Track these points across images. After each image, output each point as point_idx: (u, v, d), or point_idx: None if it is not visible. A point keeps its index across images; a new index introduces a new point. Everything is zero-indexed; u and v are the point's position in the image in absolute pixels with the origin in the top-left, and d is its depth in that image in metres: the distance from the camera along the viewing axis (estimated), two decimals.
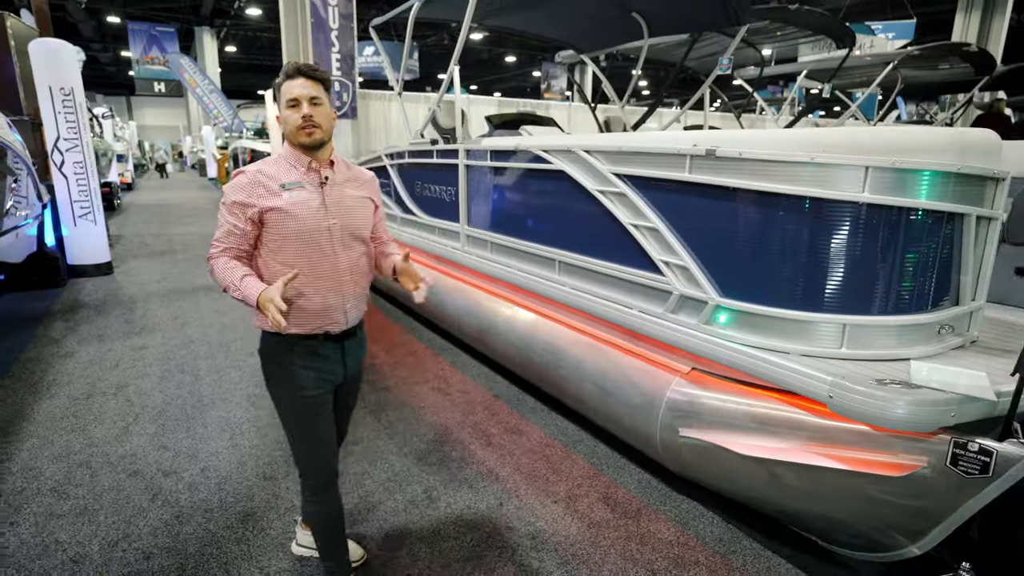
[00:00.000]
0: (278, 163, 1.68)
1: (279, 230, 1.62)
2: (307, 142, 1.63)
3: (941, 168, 1.83)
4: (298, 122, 1.60)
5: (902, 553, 1.91)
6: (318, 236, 1.65)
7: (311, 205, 1.64)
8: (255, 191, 1.61)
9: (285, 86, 1.62)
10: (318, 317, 1.69)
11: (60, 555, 2.13)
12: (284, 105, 1.63)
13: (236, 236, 1.64)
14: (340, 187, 1.72)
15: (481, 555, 2.16)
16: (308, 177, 1.67)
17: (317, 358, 1.73)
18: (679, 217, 2.33)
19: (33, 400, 3.35)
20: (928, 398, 1.68)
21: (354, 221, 1.73)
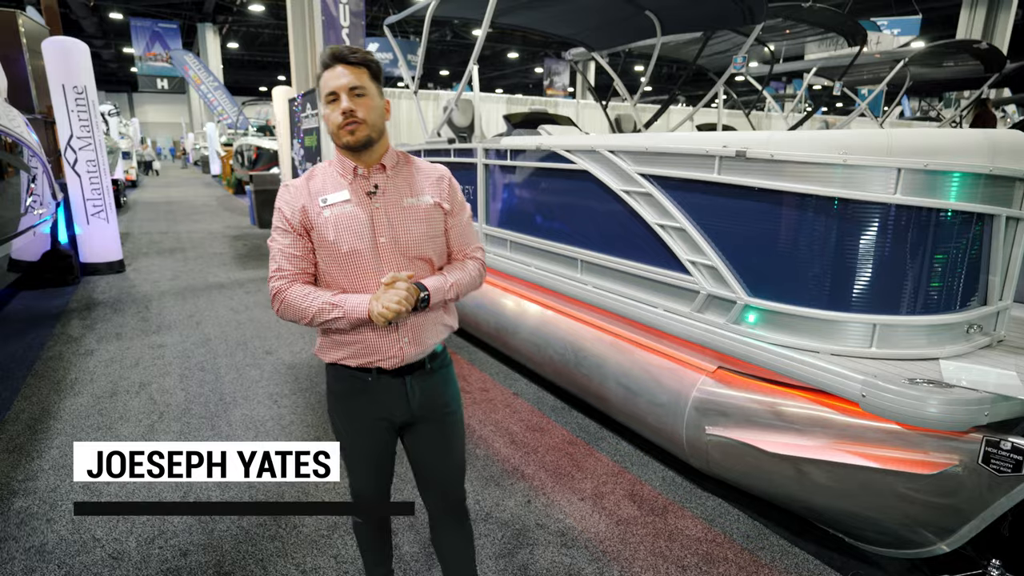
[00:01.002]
0: (327, 170, 1.47)
1: (321, 251, 1.43)
2: (351, 141, 1.37)
3: (972, 170, 1.85)
4: (338, 119, 1.35)
5: (931, 550, 1.94)
6: (363, 258, 1.41)
7: (356, 222, 1.40)
8: (298, 202, 1.42)
9: (323, 78, 1.37)
10: (367, 350, 1.46)
11: (99, 551, 2.16)
12: (323, 101, 1.38)
13: (296, 258, 1.42)
14: (395, 195, 1.45)
15: (513, 552, 2.19)
16: (355, 186, 1.43)
17: (369, 394, 1.51)
18: (707, 217, 2.35)
19: (58, 398, 3.38)
20: (962, 397, 1.70)
21: (411, 237, 1.44)
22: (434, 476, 1.65)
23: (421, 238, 1.46)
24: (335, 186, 1.43)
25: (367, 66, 1.38)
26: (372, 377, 1.49)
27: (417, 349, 1.49)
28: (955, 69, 7.28)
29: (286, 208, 1.43)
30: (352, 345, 1.46)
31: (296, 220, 1.41)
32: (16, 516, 2.34)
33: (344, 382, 1.52)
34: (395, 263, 1.43)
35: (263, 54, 28.04)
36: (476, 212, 3.96)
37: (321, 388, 3.60)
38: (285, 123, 9.81)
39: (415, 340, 1.48)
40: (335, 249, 1.40)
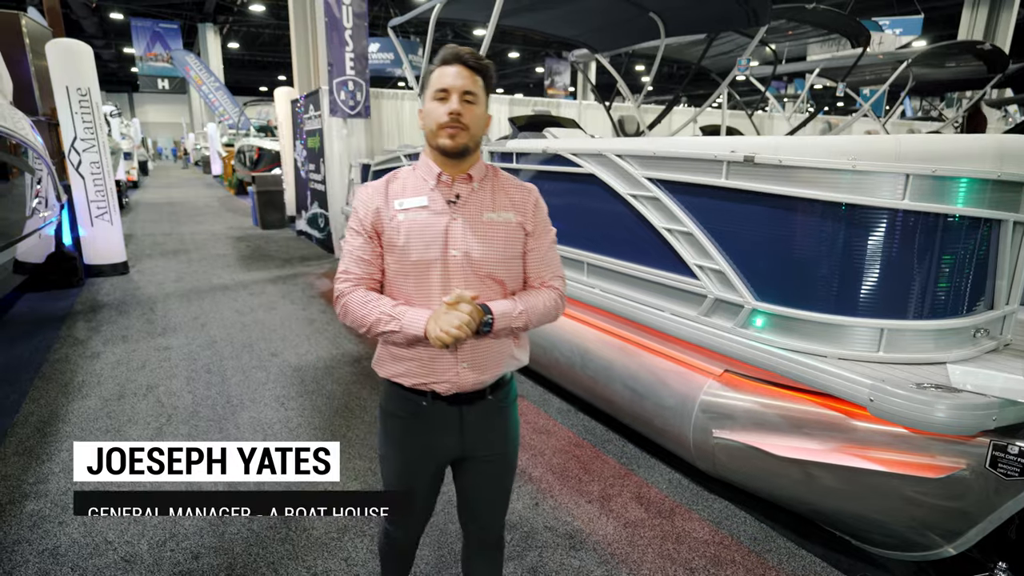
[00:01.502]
0: (410, 174, 1.40)
1: (389, 257, 1.35)
2: (448, 146, 1.29)
3: (980, 175, 1.87)
4: (442, 118, 1.28)
5: (938, 553, 1.95)
6: (432, 269, 1.33)
7: (430, 230, 1.32)
8: (373, 204, 1.36)
9: (437, 73, 1.31)
10: (423, 369, 1.36)
11: (112, 554, 2.17)
12: (431, 95, 1.31)
13: (365, 263, 1.36)
14: (476, 208, 1.36)
15: (522, 555, 2.21)
16: (435, 192, 1.35)
17: (421, 420, 1.41)
18: (714, 222, 2.36)
19: (66, 401, 3.40)
20: (970, 402, 1.71)
21: (485, 253, 1.35)
22: (479, 512, 1.58)
23: (496, 257, 1.36)
24: (415, 190, 1.37)
25: (483, 74, 1.33)
26: (427, 401, 1.39)
27: (476, 377, 1.38)
28: (958, 70, 7.29)
29: (361, 208, 1.37)
30: (408, 361, 1.37)
31: (368, 222, 1.35)
32: (28, 519, 2.36)
33: (397, 402, 1.43)
34: (464, 279, 1.33)
35: (264, 54, 28.05)
36: None
37: (328, 390, 3.61)
38: (287, 124, 9.83)
39: (475, 366, 1.37)
40: (404, 256, 1.33)
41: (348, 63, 6.66)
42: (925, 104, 13.20)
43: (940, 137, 2.03)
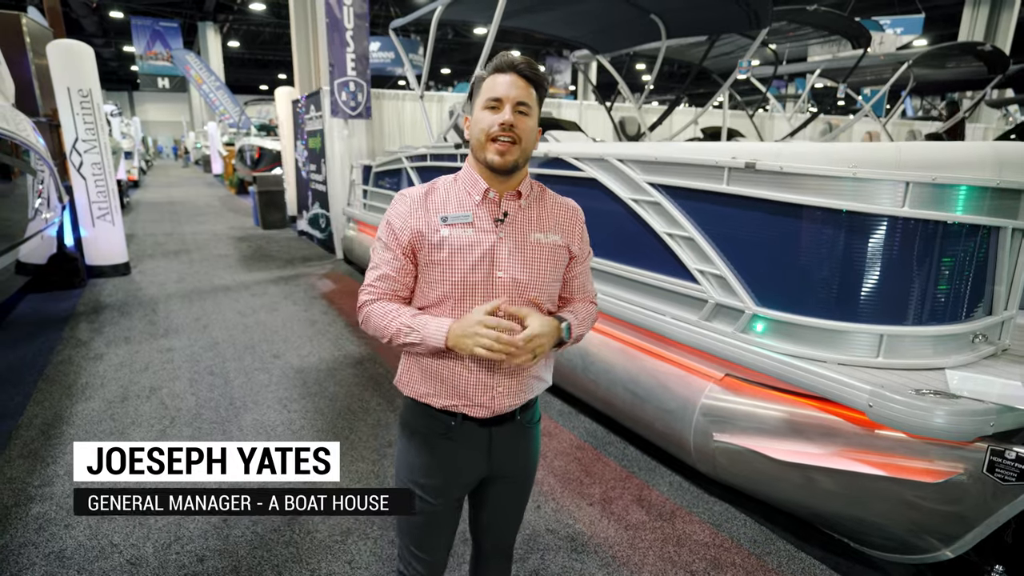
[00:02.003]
0: (452, 186, 1.31)
1: (429, 274, 1.27)
2: (497, 163, 1.21)
3: (979, 183, 1.88)
4: (491, 129, 1.20)
5: (935, 556, 1.97)
6: (476, 290, 1.25)
7: (476, 250, 1.24)
8: (413, 217, 1.26)
9: (489, 81, 1.23)
10: (456, 391, 1.30)
11: (117, 557, 2.19)
12: (481, 103, 1.23)
13: (391, 279, 1.29)
14: (523, 227, 1.29)
15: (525, 558, 2.23)
16: (481, 210, 1.27)
17: (448, 442, 1.35)
18: (716, 227, 2.38)
19: (70, 403, 3.42)
20: (968, 408, 1.73)
21: (532, 278, 1.28)
22: (496, 528, 1.53)
23: (542, 280, 1.30)
24: (459, 204, 1.27)
25: (538, 86, 1.25)
26: (456, 422, 1.33)
27: (510, 401, 1.33)
28: (958, 70, 7.31)
29: (396, 221, 1.28)
30: (438, 383, 1.31)
31: (405, 238, 1.26)
32: (34, 521, 2.38)
33: (423, 420, 1.36)
34: (509, 302, 1.27)
35: (264, 52, 28.03)
36: None
37: (330, 391, 3.63)
38: (288, 124, 9.84)
39: (510, 391, 1.32)
40: (445, 274, 1.25)
41: (349, 64, 6.67)
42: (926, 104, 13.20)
43: (940, 145, 2.04)
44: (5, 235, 4.20)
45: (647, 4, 4.35)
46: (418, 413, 1.36)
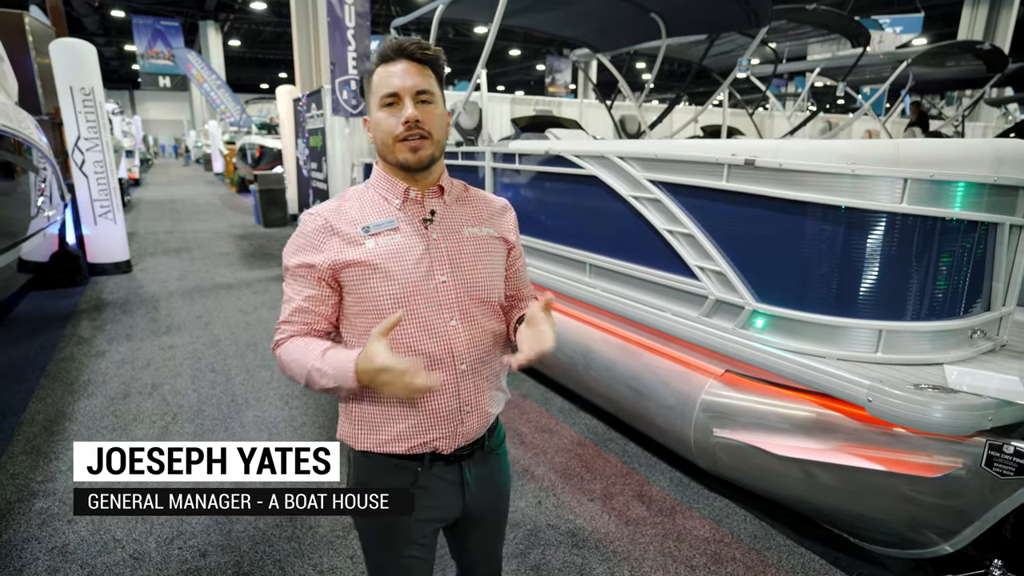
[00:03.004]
0: (365, 193, 1.16)
1: (360, 294, 1.10)
2: (412, 160, 1.09)
3: (977, 179, 1.89)
4: (396, 130, 1.06)
5: (934, 550, 1.98)
6: (420, 301, 1.10)
7: (410, 255, 1.10)
8: (325, 242, 1.09)
9: (379, 74, 1.08)
10: (419, 427, 1.13)
11: (120, 552, 2.21)
12: (377, 102, 1.08)
13: (308, 312, 1.12)
14: (454, 223, 1.17)
15: (526, 553, 2.24)
16: (405, 212, 1.14)
17: (418, 490, 1.18)
18: (715, 224, 2.39)
19: (72, 400, 3.43)
20: (966, 403, 1.74)
21: (475, 276, 1.16)
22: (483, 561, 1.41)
23: (489, 274, 1.19)
24: (378, 212, 1.13)
25: (434, 66, 1.10)
26: (423, 466, 1.16)
27: (480, 421, 1.19)
28: (957, 69, 7.31)
29: (306, 246, 1.11)
30: (397, 422, 1.13)
31: (319, 260, 1.09)
32: (37, 516, 2.39)
33: (388, 474, 1.18)
34: (459, 308, 1.13)
35: (265, 51, 28.04)
36: None
37: None
38: (289, 122, 9.85)
39: (478, 408, 1.17)
40: (379, 291, 1.08)
41: (351, 62, 6.67)
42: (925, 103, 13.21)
43: (938, 142, 2.06)
44: (8, 233, 4.21)
45: (647, 3, 4.36)
46: (375, 469, 1.18)
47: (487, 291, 1.18)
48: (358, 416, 1.17)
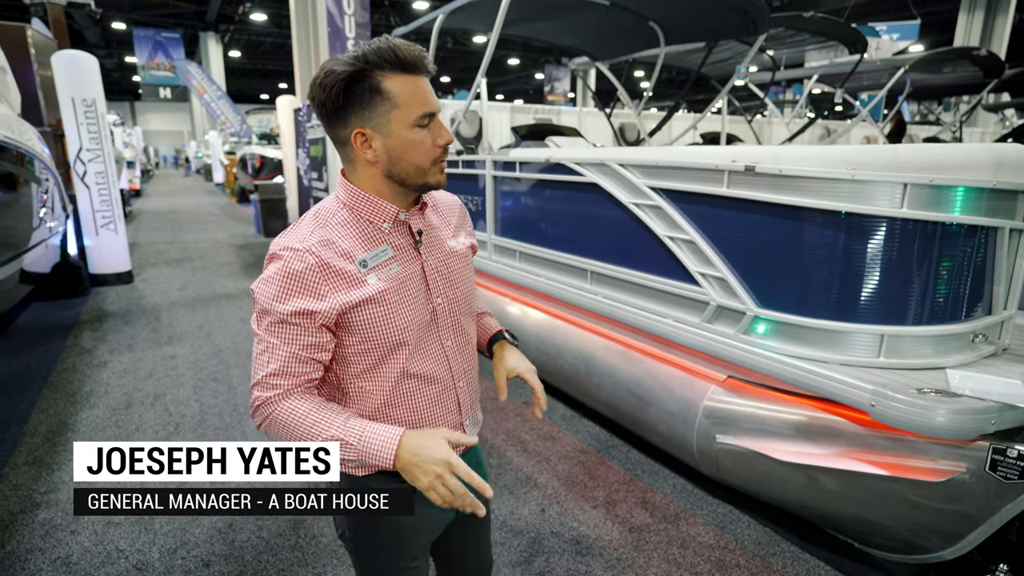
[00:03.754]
0: (343, 223, 1.03)
1: (365, 333, 1.02)
2: (442, 183, 1.04)
3: (977, 184, 1.90)
4: (435, 152, 1.00)
5: (939, 556, 1.98)
6: (423, 328, 1.07)
7: (411, 284, 1.05)
8: (323, 284, 0.98)
9: (404, 87, 0.96)
10: None
11: (123, 563, 2.20)
12: (411, 121, 0.97)
13: (308, 363, 1.01)
14: (437, 239, 1.13)
15: (530, 560, 2.23)
16: (396, 236, 1.06)
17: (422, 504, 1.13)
18: (716, 230, 2.40)
19: (75, 410, 3.43)
20: (969, 406, 1.74)
21: (463, 292, 1.15)
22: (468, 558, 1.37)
23: (471, 287, 1.18)
24: (368, 239, 1.03)
25: None
26: None
27: (475, 429, 1.22)
28: (954, 75, 7.35)
29: (300, 291, 0.97)
30: None
31: (325, 309, 0.98)
32: (40, 528, 2.39)
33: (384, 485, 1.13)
34: (453, 327, 1.13)
35: (265, 62, 28.21)
36: (485, 223, 4.01)
37: None
38: (290, 132, 9.88)
39: (473, 417, 1.21)
40: (387, 329, 1.02)
41: None
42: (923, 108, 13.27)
43: (937, 147, 2.07)
44: (10, 244, 4.22)
45: (646, 12, 4.39)
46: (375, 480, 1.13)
47: (472, 304, 1.20)
48: None
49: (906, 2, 13.34)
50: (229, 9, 20.48)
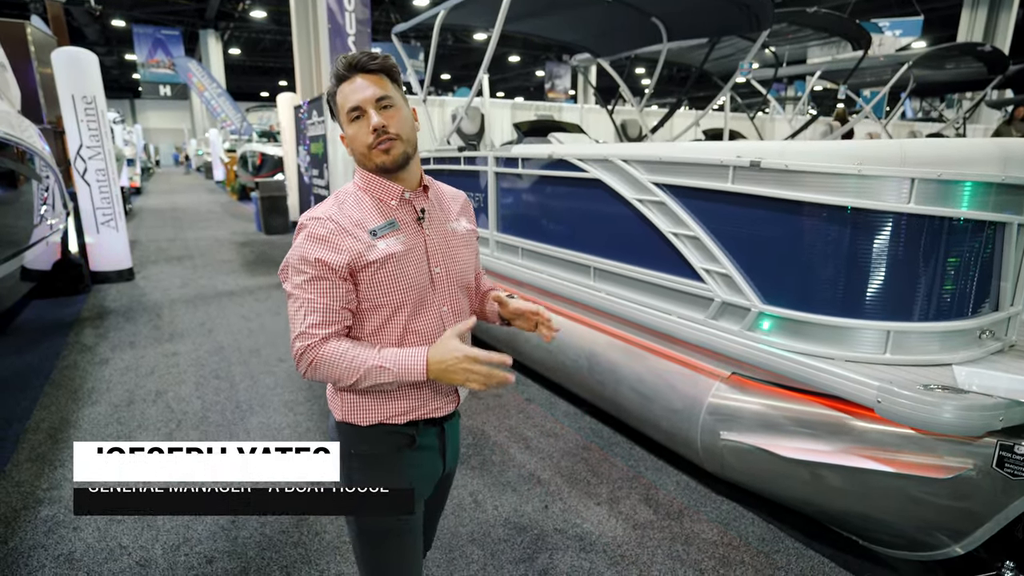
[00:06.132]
0: (358, 200, 1.23)
1: (374, 292, 1.19)
2: (387, 162, 1.19)
3: (984, 179, 1.89)
4: (368, 139, 1.17)
5: (945, 552, 1.97)
6: (424, 292, 1.24)
7: (414, 253, 1.22)
8: (342, 242, 1.16)
9: (340, 93, 1.19)
10: (422, 400, 1.26)
11: (126, 559, 2.20)
12: (345, 120, 1.20)
13: (334, 312, 1.17)
14: (439, 219, 1.31)
15: (533, 557, 2.23)
16: (402, 212, 1.25)
17: (416, 455, 1.29)
18: (721, 226, 2.38)
19: (76, 407, 3.42)
20: (976, 403, 1.73)
21: (461, 266, 1.32)
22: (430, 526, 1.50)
23: (467, 265, 1.34)
24: (377, 213, 1.22)
25: (388, 72, 1.20)
26: (418, 430, 1.28)
27: (464, 391, 1.36)
28: (958, 71, 7.32)
29: (320, 247, 1.16)
30: (403, 398, 1.24)
31: (340, 262, 1.15)
32: (43, 524, 2.38)
33: (386, 439, 1.27)
34: (450, 295, 1.29)
35: (265, 59, 28.17)
36: (487, 219, 4.00)
37: None
38: (290, 130, 9.87)
39: None
40: (394, 287, 1.19)
41: None
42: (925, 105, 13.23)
43: (944, 141, 2.06)
44: (11, 241, 4.21)
45: (648, 7, 4.37)
46: (375, 436, 1.26)
47: (468, 278, 1.35)
48: (362, 396, 1.24)
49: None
50: (229, 6, 20.44)
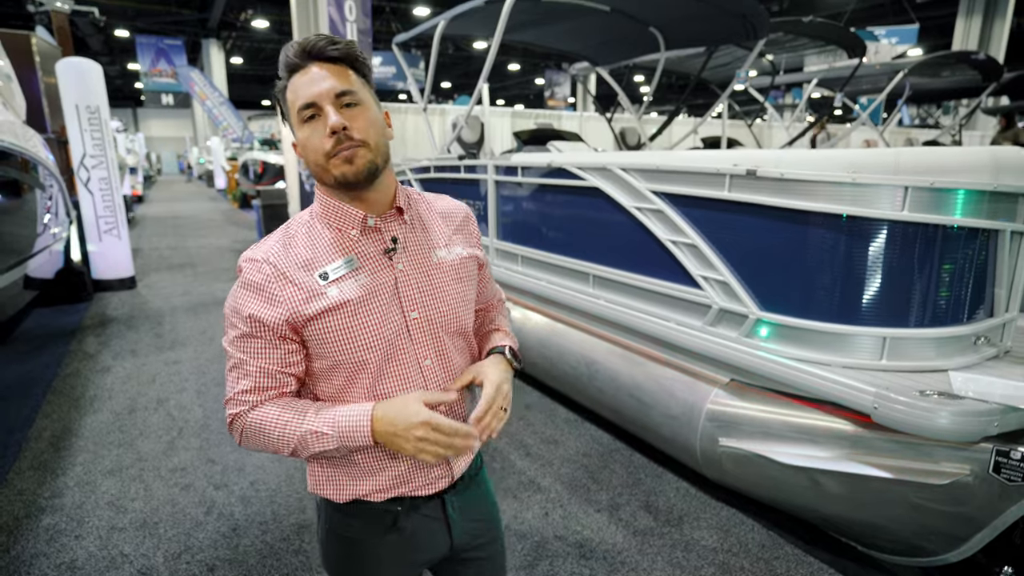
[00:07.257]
0: (310, 232, 0.98)
1: (329, 350, 0.95)
2: (348, 174, 0.91)
3: (977, 187, 1.91)
4: (324, 145, 0.90)
5: (943, 558, 1.98)
6: (394, 344, 0.98)
7: (379, 297, 0.96)
8: (279, 292, 0.93)
9: (291, 87, 0.93)
10: (402, 476, 1.02)
11: (128, 568, 2.20)
12: (297, 121, 0.92)
13: (279, 374, 0.96)
14: (420, 249, 1.02)
15: (534, 564, 2.23)
16: (365, 244, 0.98)
17: (398, 532, 1.05)
18: (718, 233, 2.41)
19: (78, 415, 3.44)
20: (972, 408, 1.75)
21: (449, 307, 1.03)
22: None
23: (461, 303, 1.06)
24: (332, 249, 0.96)
25: (352, 63, 0.94)
26: (404, 507, 1.05)
27: (467, 459, 1.11)
28: (953, 79, 7.39)
29: (256, 300, 0.93)
30: (383, 472, 1.02)
31: (275, 317, 0.92)
32: (45, 533, 2.39)
33: (362, 522, 1.05)
34: (433, 344, 1.02)
35: (267, 68, 28.35)
36: (486, 227, 4.03)
37: None
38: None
39: None
40: (349, 344, 0.94)
41: None
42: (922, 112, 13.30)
43: (938, 150, 2.08)
44: (14, 250, 4.24)
45: (646, 17, 4.42)
46: (352, 516, 1.05)
47: (461, 321, 1.06)
48: (336, 467, 1.03)
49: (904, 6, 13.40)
50: (231, 16, 20.58)
